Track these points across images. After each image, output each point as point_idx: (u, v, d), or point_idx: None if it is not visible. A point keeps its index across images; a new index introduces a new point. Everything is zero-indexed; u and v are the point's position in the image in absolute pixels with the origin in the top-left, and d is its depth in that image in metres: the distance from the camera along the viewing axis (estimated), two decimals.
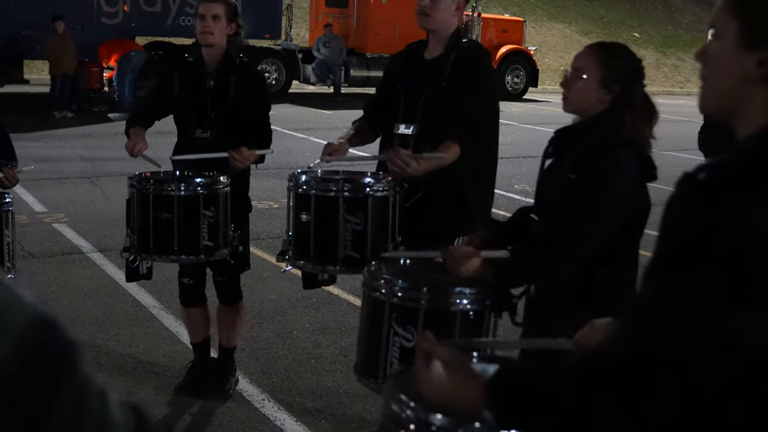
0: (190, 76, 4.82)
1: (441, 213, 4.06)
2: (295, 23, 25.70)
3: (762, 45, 1.52)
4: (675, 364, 1.42)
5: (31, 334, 0.84)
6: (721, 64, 1.59)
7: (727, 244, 1.41)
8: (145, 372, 5.31)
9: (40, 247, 8.04)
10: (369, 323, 3.13)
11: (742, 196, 1.43)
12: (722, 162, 1.52)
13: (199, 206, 4.41)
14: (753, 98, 1.55)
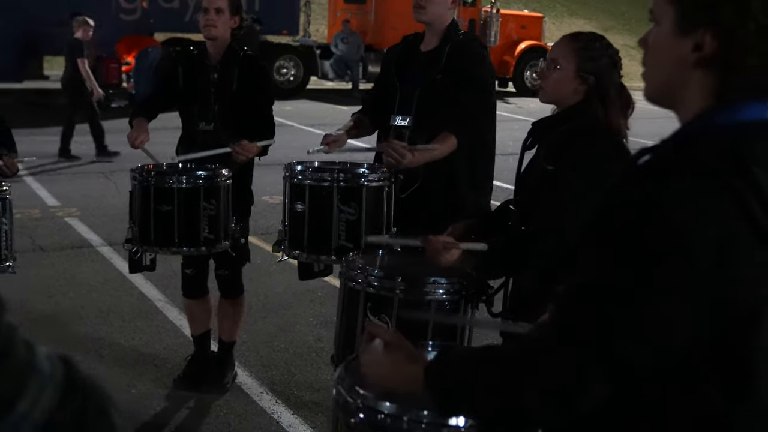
0: (194, 68, 4.84)
1: (436, 205, 4.06)
2: (314, 19, 25.70)
3: (696, 29, 1.51)
4: (602, 352, 1.42)
5: None
6: (659, 50, 1.58)
7: (652, 233, 1.41)
8: (146, 364, 5.34)
9: (50, 240, 8.10)
10: (345, 313, 3.14)
11: (669, 184, 1.43)
12: (657, 148, 1.51)
13: (199, 199, 4.43)
14: (689, 84, 1.54)
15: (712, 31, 1.49)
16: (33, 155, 12.44)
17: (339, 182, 3.85)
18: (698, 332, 1.42)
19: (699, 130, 1.52)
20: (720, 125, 1.50)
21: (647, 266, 1.41)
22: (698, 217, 1.40)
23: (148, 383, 5.07)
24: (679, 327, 1.41)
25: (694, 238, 1.39)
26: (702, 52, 1.51)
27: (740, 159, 1.42)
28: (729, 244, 1.40)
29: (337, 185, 3.85)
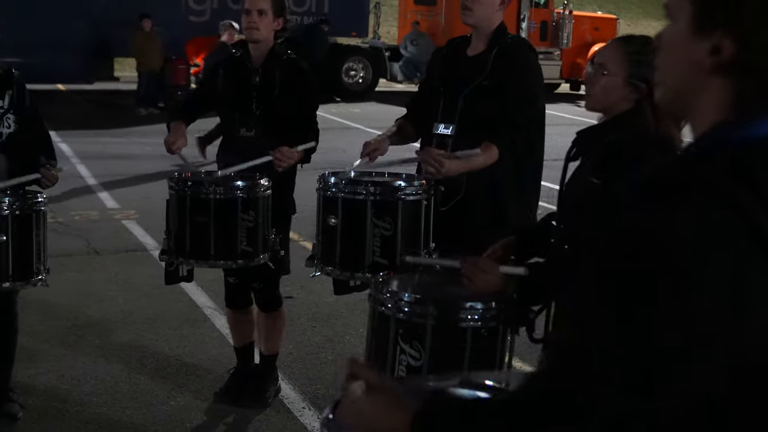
0: (236, 72, 4.70)
1: (478, 218, 3.85)
2: (384, 21, 25.61)
3: (716, 30, 1.30)
4: (600, 412, 1.21)
5: None
6: (673, 51, 1.38)
7: (651, 267, 1.21)
8: (188, 375, 5.22)
9: (106, 243, 8.07)
10: (375, 339, 2.94)
11: (672, 208, 1.23)
12: (664, 166, 1.30)
13: (237, 210, 4.27)
14: (705, 92, 1.34)
15: (731, 34, 1.29)
16: (98, 156, 12.58)
17: (373, 195, 3.64)
18: (711, 382, 1.22)
19: (712, 146, 1.30)
20: (735, 140, 1.29)
21: (647, 307, 1.21)
22: (705, 248, 1.20)
23: (188, 395, 4.94)
24: (688, 377, 1.21)
25: (702, 273, 1.19)
26: (720, 56, 1.30)
27: (756, 180, 1.22)
28: (741, 280, 1.20)
29: (372, 199, 3.64)
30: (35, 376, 5.09)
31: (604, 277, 1.27)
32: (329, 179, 3.81)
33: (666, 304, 1.20)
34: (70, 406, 4.75)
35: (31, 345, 5.39)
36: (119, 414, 4.69)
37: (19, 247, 4.20)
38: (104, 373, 5.17)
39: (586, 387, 1.24)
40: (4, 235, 4.14)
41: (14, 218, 4.19)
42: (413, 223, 3.69)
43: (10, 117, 4.49)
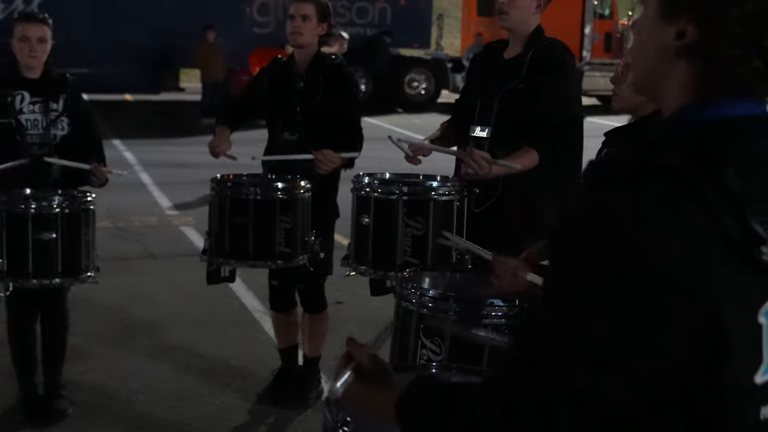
0: (280, 77, 4.76)
1: (512, 221, 3.84)
2: (447, 32, 25.67)
3: (681, 15, 1.33)
4: (563, 388, 1.22)
5: None
6: (643, 36, 1.41)
7: (603, 249, 1.22)
8: (233, 376, 5.29)
9: (162, 248, 8.22)
10: (398, 334, 2.96)
11: (623, 189, 1.25)
12: (622, 149, 1.32)
13: (275, 211, 4.33)
14: (671, 76, 1.37)
15: (695, 19, 1.32)
16: (160, 164, 12.80)
17: (405, 195, 3.67)
18: (664, 360, 1.24)
19: (672, 128, 1.33)
20: (695, 123, 1.32)
21: (600, 289, 1.22)
22: (657, 227, 1.21)
23: (232, 395, 5.01)
24: (642, 355, 1.23)
25: (654, 254, 1.20)
26: (684, 40, 1.33)
27: (712, 161, 1.23)
28: (694, 259, 1.21)
29: (403, 198, 3.67)
30: (85, 373, 5.21)
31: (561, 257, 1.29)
32: (363, 179, 3.85)
33: (620, 283, 1.21)
34: (117, 404, 4.85)
35: (82, 344, 5.51)
36: (164, 412, 4.77)
37: (67, 245, 4.31)
38: (152, 373, 5.27)
39: (549, 369, 1.25)
40: (53, 232, 4.26)
41: (63, 216, 4.31)
42: (445, 224, 3.71)
43: (64, 120, 4.62)
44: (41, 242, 4.23)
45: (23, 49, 4.50)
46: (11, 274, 4.25)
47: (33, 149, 4.53)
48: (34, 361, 4.74)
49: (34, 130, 4.55)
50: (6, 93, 4.53)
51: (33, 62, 4.54)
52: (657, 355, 1.23)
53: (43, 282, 4.33)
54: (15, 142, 4.49)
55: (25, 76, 4.58)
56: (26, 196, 4.31)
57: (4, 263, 4.23)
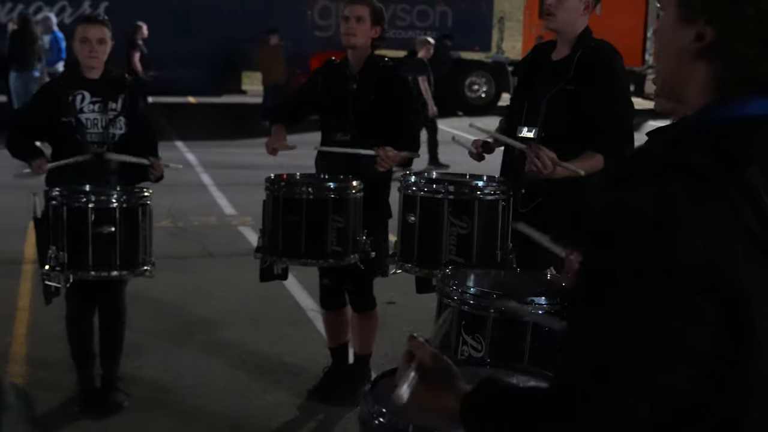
0: (334, 78, 4.83)
1: (560, 222, 3.83)
2: (509, 35, 25.57)
3: (699, 17, 1.36)
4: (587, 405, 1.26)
5: None
6: (665, 40, 1.44)
7: (624, 247, 1.24)
8: (285, 373, 5.37)
9: (220, 247, 8.34)
10: None
11: (644, 187, 1.27)
12: (641, 149, 1.34)
13: (327, 210, 4.41)
14: (692, 77, 1.39)
15: (712, 21, 1.35)
16: (221, 165, 12.96)
17: (451, 194, 3.71)
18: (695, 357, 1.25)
19: (694, 127, 1.35)
20: (716, 121, 1.33)
21: (622, 289, 1.25)
22: (681, 224, 1.23)
23: (283, 392, 5.09)
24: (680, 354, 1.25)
25: (678, 250, 1.22)
26: (703, 42, 1.36)
27: (733, 159, 1.26)
28: (718, 254, 1.22)
29: (449, 197, 3.71)
30: (141, 368, 5.33)
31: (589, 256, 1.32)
32: (409, 178, 3.90)
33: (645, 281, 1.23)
34: (172, 397, 4.96)
35: (140, 339, 5.64)
36: (217, 406, 4.87)
37: (125, 239, 4.44)
38: (206, 368, 5.37)
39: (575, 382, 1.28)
40: (112, 226, 4.38)
41: (121, 211, 4.44)
42: (490, 223, 3.74)
43: (122, 119, 4.75)
44: (100, 236, 4.37)
45: (84, 50, 4.64)
46: (71, 266, 4.39)
47: (92, 147, 4.67)
48: (91, 355, 4.87)
49: (94, 128, 4.68)
50: (67, 92, 4.67)
51: (93, 62, 4.67)
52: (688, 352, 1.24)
53: (102, 274, 4.46)
54: (75, 140, 4.63)
55: (85, 76, 4.72)
56: (86, 191, 4.45)
57: (65, 256, 4.37)
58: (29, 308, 6.38)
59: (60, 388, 4.98)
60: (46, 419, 4.66)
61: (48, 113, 4.69)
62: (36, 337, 5.80)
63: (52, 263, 4.36)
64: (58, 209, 4.38)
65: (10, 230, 8.57)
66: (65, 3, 18.09)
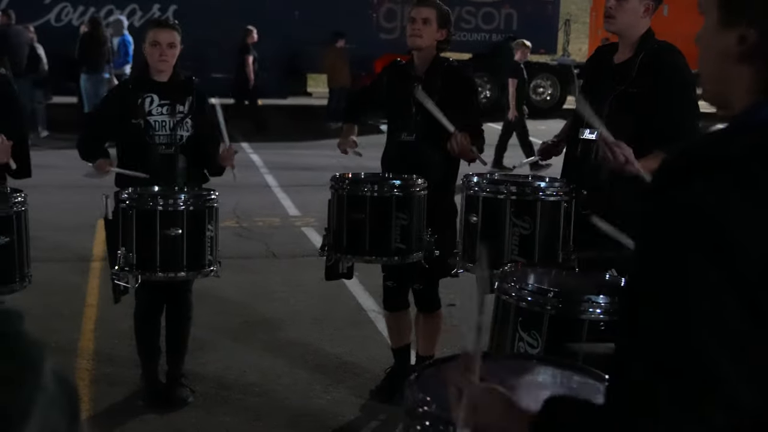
0: (399, 79, 4.88)
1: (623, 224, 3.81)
2: (575, 38, 25.39)
3: (741, 20, 1.37)
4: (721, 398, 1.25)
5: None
6: (706, 45, 1.45)
7: (678, 240, 1.25)
8: (346, 372, 5.41)
9: (284, 248, 8.43)
10: (497, 327, 3.01)
11: (693, 183, 1.28)
12: (687, 149, 1.35)
13: (391, 208, 4.45)
14: (736, 80, 1.40)
15: (754, 23, 1.36)
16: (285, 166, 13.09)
17: (513, 195, 3.72)
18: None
19: (739, 127, 1.37)
20: (761, 121, 1.34)
21: (681, 287, 1.26)
22: (732, 220, 1.24)
23: (344, 391, 5.13)
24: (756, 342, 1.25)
25: (733, 246, 1.23)
26: (745, 44, 1.37)
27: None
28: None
29: (511, 198, 3.72)
30: (205, 364, 5.42)
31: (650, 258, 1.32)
32: (472, 179, 3.92)
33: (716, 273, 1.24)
34: (234, 394, 5.04)
35: (204, 336, 5.73)
36: (278, 404, 4.93)
37: (192, 240, 4.51)
38: (268, 367, 5.45)
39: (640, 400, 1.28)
40: (179, 228, 4.47)
41: (188, 213, 4.51)
42: (552, 224, 3.74)
43: (188, 121, 4.84)
44: (168, 238, 4.44)
45: (154, 54, 4.74)
46: (140, 267, 4.48)
47: (160, 149, 4.77)
48: (157, 351, 4.98)
49: (162, 131, 4.78)
50: (137, 95, 4.78)
51: (162, 66, 4.77)
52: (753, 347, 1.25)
53: (169, 275, 4.54)
54: (143, 142, 4.74)
55: (154, 79, 4.82)
56: (154, 194, 4.53)
57: (133, 257, 4.46)
58: (97, 304, 6.52)
59: (125, 383, 5.10)
60: (111, 413, 4.78)
61: (118, 115, 4.80)
62: (103, 333, 5.93)
63: (122, 263, 4.46)
64: (128, 211, 4.47)
65: (79, 228, 8.78)
66: (135, 6, 18.40)
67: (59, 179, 10.57)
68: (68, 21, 18.02)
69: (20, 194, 4.37)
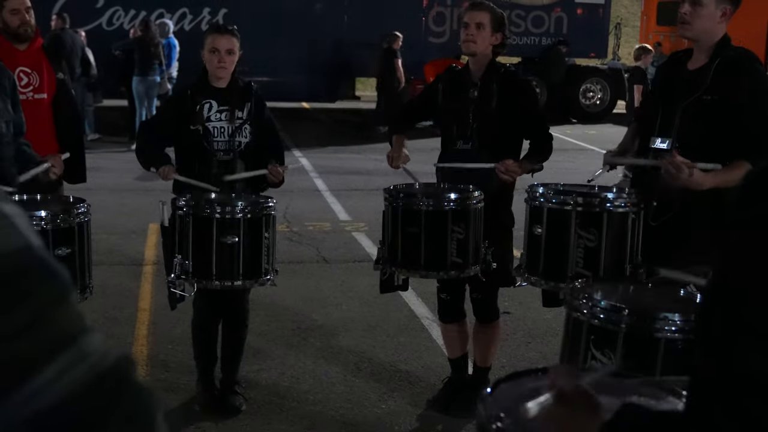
0: (454, 85, 4.81)
1: (698, 238, 3.69)
2: (625, 42, 25.13)
3: None
4: None
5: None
6: None
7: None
8: (401, 381, 5.36)
9: (335, 253, 8.40)
10: (568, 345, 2.93)
11: None
12: None
13: (447, 222, 4.36)
14: None
15: None
16: (335, 170, 13.09)
17: (579, 206, 3.64)
18: None
19: None
20: None
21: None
22: None
23: (399, 400, 5.08)
24: None
25: None
26: None
27: None
28: None
29: (577, 209, 3.64)
30: (259, 371, 5.40)
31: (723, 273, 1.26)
32: (537, 189, 3.84)
33: None
34: (288, 402, 5.01)
35: (257, 343, 5.71)
36: (332, 413, 4.89)
37: (249, 248, 4.46)
38: (322, 374, 5.41)
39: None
40: (236, 236, 4.43)
41: (246, 221, 4.47)
42: (619, 236, 3.65)
43: (247, 128, 4.81)
44: (225, 245, 4.40)
45: (212, 60, 4.71)
46: (196, 275, 4.45)
47: (218, 156, 4.74)
48: (213, 358, 4.96)
49: (220, 137, 4.75)
50: (195, 101, 4.75)
51: (221, 72, 4.74)
52: None
53: (225, 284, 4.50)
54: (202, 148, 4.71)
55: (213, 85, 4.80)
56: (212, 201, 4.50)
57: (190, 265, 4.44)
58: (150, 309, 6.54)
59: (179, 389, 5.09)
60: (167, 420, 4.75)
61: (176, 121, 4.78)
62: (157, 338, 5.94)
63: (178, 271, 4.43)
64: (185, 218, 4.45)
65: (132, 232, 8.82)
66: (185, 10, 18.53)
67: (110, 182, 10.65)
68: (119, 25, 18.19)
69: (83, 204, 4.32)
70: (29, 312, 0.91)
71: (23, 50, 5.47)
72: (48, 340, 0.92)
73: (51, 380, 0.91)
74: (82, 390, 0.92)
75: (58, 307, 0.95)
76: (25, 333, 0.90)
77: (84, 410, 0.92)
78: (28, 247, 0.95)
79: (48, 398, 0.90)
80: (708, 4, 3.80)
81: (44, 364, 0.91)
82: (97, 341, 0.98)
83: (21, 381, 0.90)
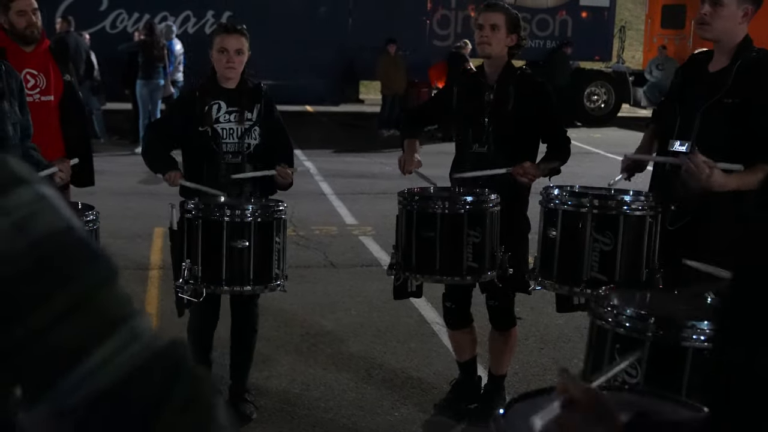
0: (470, 88, 4.72)
1: (713, 243, 3.61)
2: (629, 45, 25.06)
3: None
4: None
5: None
6: None
7: None
8: (412, 388, 5.28)
9: (342, 257, 8.31)
10: (592, 353, 2.85)
11: None
12: None
13: (463, 226, 4.27)
14: None
15: None
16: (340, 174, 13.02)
17: (595, 209, 3.55)
18: None
19: None
20: None
21: None
22: None
23: (411, 407, 5.00)
24: None
25: None
26: None
27: None
28: None
29: (593, 212, 3.55)
30: (269, 378, 5.31)
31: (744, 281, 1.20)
32: (552, 191, 3.76)
33: None
34: (299, 410, 4.92)
35: (266, 350, 5.63)
36: (344, 420, 4.81)
37: (259, 253, 4.37)
38: (333, 381, 5.32)
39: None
40: (246, 240, 4.34)
41: (256, 225, 4.38)
42: (635, 240, 3.57)
43: (257, 129, 4.73)
44: (234, 250, 4.32)
45: (221, 60, 4.63)
46: (205, 280, 4.36)
47: (227, 158, 4.65)
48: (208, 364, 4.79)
49: (229, 138, 4.67)
50: (204, 102, 4.67)
51: (230, 73, 4.66)
52: None
53: (235, 289, 4.42)
54: (210, 149, 4.63)
55: (222, 86, 4.71)
56: (221, 205, 4.41)
57: (199, 269, 4.34)
58: (156, 314, 6.45)
59: None
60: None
61: (184, 123, 4.69)
62: None
63: (186, 276, 4.33)
64: (193, 222, 4.35)
65: (137, 236, 8.74)
66: (189, 13, 18.46)
67: (114, 186, 10.56)
68: (123, 28, 18.12)
69: (91, 212, 4.23)
70: (71, 296, 0.89)
71: (30, 52, 5.39)
72: (95, 324, 0.90)
73: (102, 364, 0.89)
74: (136, 373, 0.90)
75: (104, 290, 0.92)
76: (69, 318, 0.88)
77: (138, 393, 0.89)
78: (69, 228, 0.92)
79: (101, 382, 0.88)
80: (729, 4, 3.72)
81: (92, 347, 0.89)
82: (148, 324, 0.95)
83: (69, 367, 0.88)
